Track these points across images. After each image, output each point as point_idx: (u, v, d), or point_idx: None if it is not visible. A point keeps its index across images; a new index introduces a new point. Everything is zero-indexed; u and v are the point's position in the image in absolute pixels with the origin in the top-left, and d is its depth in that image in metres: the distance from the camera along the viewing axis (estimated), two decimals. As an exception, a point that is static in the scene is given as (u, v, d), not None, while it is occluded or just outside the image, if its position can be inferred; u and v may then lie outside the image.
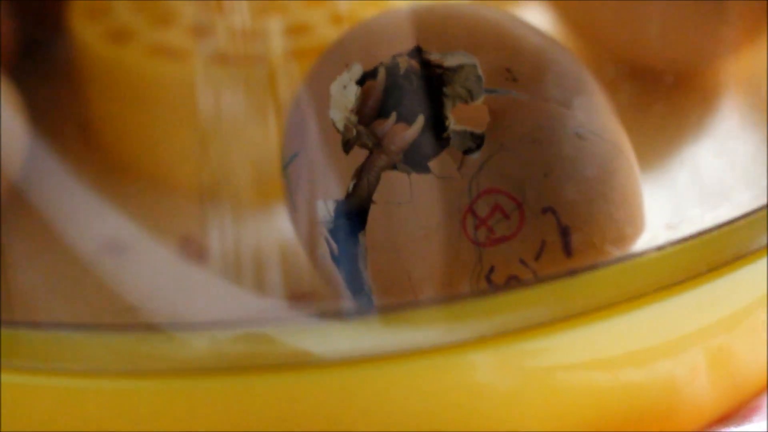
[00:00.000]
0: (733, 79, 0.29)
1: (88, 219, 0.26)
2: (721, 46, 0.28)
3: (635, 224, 0.22)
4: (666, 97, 0.28)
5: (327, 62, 0.23)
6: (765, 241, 0.22)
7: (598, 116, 0.22)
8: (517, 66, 0.22)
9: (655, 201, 0.23)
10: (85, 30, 0.28)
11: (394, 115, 0.22)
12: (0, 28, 0.28)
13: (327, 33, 0.27)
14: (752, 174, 0.26)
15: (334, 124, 0.22)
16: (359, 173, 0.22)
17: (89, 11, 0.28)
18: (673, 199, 0.25)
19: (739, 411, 0.23)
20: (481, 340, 0.20)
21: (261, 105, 0.26)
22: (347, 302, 0.22)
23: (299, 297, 0.24)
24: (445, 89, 0.22)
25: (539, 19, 0.29)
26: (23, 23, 0.29)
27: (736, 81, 0.29)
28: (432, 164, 0.21)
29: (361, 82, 0.22)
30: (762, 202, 0.22)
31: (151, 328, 0.21)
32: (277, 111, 0.25)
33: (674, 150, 0.27)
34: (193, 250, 0.25)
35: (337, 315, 0.22)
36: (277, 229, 0.25)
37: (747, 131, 0.28)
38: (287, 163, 0.23)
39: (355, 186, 0.22)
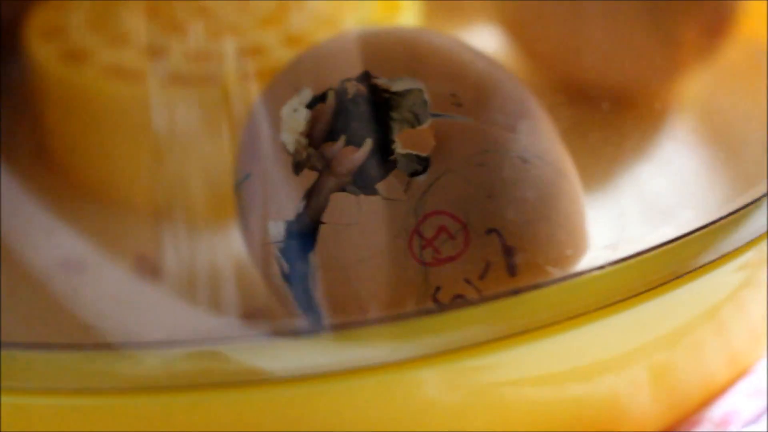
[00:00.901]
0: (676, 100, 0.29)
1: (43, 237, 0.26)
2: (664, 67, 0.29)
3: (577, 245, 0.23)
4: (609, 119, 0.28)
5: (279, 85, 0.24)
6: (705, 260, 0.22)
7: (541, 140, 0.23)
8: (461, 91, 0.22)
9: (599, 221, 0.24)
10: (40, 49, 0.28)
11: (343, 139, 0.22)
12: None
13: (281, 55, 0.28)
14: (696, 193, 0.27)
15: (284, 146, 0.23)
16: (309, 194, 0.22)
17: (44, 31, 0.29)
18: (617, 220, 0.25)
19: (680, 425, 0.24)
20: (428, 358, 0.21)
21: (215, 125, 0.26)
22: (299, 320, 0.23)
23: (253, 314, 0.24)
24: (392, 113, 0.22)
25: (484, 41, 0.30)
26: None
27: (680, 101, 0.29)
28: (379, 186, 0.22)
29: (310, 105, 0.23)
30: (705, 220, 0.23)
31: (104, 346, 0.22)
32: (230, 131, 0.26)
33: (618, 170, 0.27)
34: (148, 267, 0.26)
35: (288, 333, 0.22)
36: (231, 247, 0.25)
37: (690, 151, 0.28)
38: (240, 183, 0.23)
39: (305, 207, 0.22)
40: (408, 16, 0.29)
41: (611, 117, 0.28)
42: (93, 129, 0.28)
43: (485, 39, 0.30)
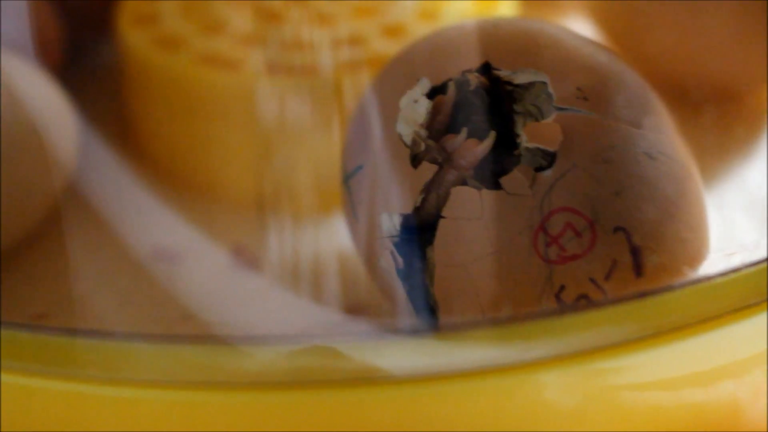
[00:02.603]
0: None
1: (142, 224, 0.26)
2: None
3: (704, 246, 0.22)
4: (713, 118, 0.28)
5: (392, 75, 0.23)
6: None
7: (666, 136, 0.22)
8: (586, 84, 0.22)
9: (714, 222, 0.23)
10: (133, 35, 0.28)
11: (465, 131, 0.22)
12: (45, 29, 0.28)
13: (378, 46, 0.27)
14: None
15: (401, 138, 0.22)
16: (428, 188, 0.22)
17: (137, 17, 0.28)
18: (727, 225, 0.25)
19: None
20: (549, 360, 0.20)
21: (318, 115, 0.26)
22: (408, 318, 0.22)
23: (355, 309, 0.24)
24: (515, 106, 0.22)
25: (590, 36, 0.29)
26: (70, 26, 0.29)
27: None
28: (503, 181, 0.21)
29: (430, 96, 0.22)
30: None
31: (215, 339, 0.21)
32: (335, 121, 0.25)
33: (724, 171, 0.27)
34: (246, 259, 0.25)
35: (401, 331, 0.22)
36: (334, 240, 0.25)
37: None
38: (350, 175, 0.23)
39: (423, 200, 0.22)
40: (504, 10, 0.28)
41: (715, 116, 0.28)
42: (189, 117, 0.27)
43: (591, 36, 0.29)
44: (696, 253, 0.22)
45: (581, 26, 0.30)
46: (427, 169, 0.22)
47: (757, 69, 0.28)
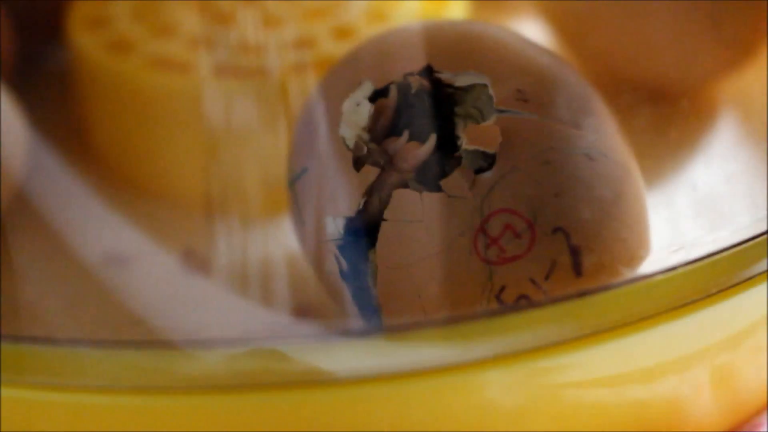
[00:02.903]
0: (726, 98, 0.29)
1: (91, 229, 0.26)
2: (717, 65, 0.29)
3: (643, 245, 0.22)
4: (660, 116, 0.28)
5: (336, 78, 0.23)
6: (765, 266, 0.22)
7: (606, 137, 0.22)
8: (527, 86, 0.22)
9: (656, 222, 0.23)
10: (85, 40, 0.28)
11: (406, 134, 0.22)
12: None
13: (329, 48, 0.27)
14: (748, 192, 0.27)
15: (344, 141, 0.22)
16: (370, 191, 0.22)
17: (89, 21, 0.28)
18: (674, 221, 0.25)
19: (741, 427, 0.23)
20: (491, 360, 0.21)
21: (266, 117, 0.26)
22: (355, 320, 0.22)
23: (304, 311, 0.24)
24: (456, 109, 0.22)
25: (539, 37, 0.29)
26: (21, 30, 0.29)
27: (729, 99, 0.29)
28: (444, 183, 0.21)
29: (372, 99, 0.22)
30: (762, 227, 0.22)
31: (163, 343, 0.21)
32: (282, 124, 0.25)
33: (670, 169, 0.27)
34: (197, 262, 0.25)
35: (347, 333, 0.22)
36: (282, 242, 0.25)
37: (740, 149, 0.28)
38: (296, 178, 0.23)
39: (365, 203, 0.22)
40: (455, 11, 0.28)
41: (662, 114, 0.28)
42: (140, 120, 0.27)
43: (532, 35, 0.29)
44: (635, 251, 0.22)
45: (531, 26, 0.30)
46: (370, 172, 0.22)
47: (700, 69, 0.28)
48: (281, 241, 0.25)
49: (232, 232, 0.25)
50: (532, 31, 0.29)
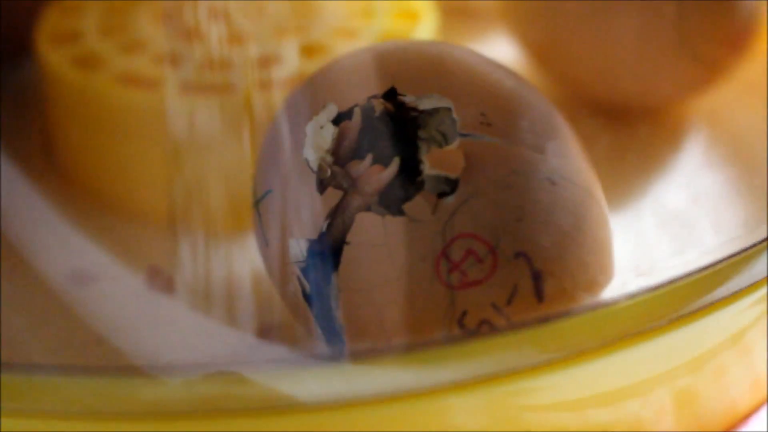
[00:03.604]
0: (694, 116, 0.29)
1: (55, 247, 0.26)
2: (686, 84, 0.29)
3: (606, 269, 0.22)
4: (628, 135, 0.28)
5: (300, 99, 0.23)
6: (733, 288, 0.22)
7: (570, 161, 0.22)
8: (491, 110, 0.22)
9: (622, 244, 0.23)
10: (53, 54, 0.28)
11: (370, 157, 0.22)
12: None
13: (297, 65, 0.27)
14: (717, 213, 0.27)
15: (307, 163, 0.22)
16: (333, 213, 0.22)
17: (57, 36, 0.28)
18: (641, 243, 0.25)
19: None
20: (453, 385, 0.21)
21: (232, 134, 0.26)
22: (318, 342, 0.22)
23: (269, 330, 0.24)
24: (419, 132, 0.22)
25: (507, 54, 0.29)
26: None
27: (698, 118, 0.29)
28: (406, 207, 0.21)
29: (336, 122, 0.22)
30: (730, 250, 0.22)
31: (122, 369, 0.21)
32: (248, 141, 0.25)
33: (637, 188, 0.27)
34: (161, 281, 0.25)
35: (310, 358, 0.22)
36: (247, 260, 0.25)
37: (709, 169, 0.28)
38: (260, 199, 0.23)
39: (329, 226, 0.22)
40: (425, 27, 0.28)
41: (630, 133, 0.28)
42: (106, 136, 0.27)
43: (501, 53, 0.29)
44: (597, 276, 0.22)
45: (499, 45, 0.30)
46: (333, 195, 0.22)
47: (668, 87, 0.28)
48: (246, 259, 0.25)
49: (196, 250, 0.25)
50: (501, 49, 0.30)
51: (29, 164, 0.27)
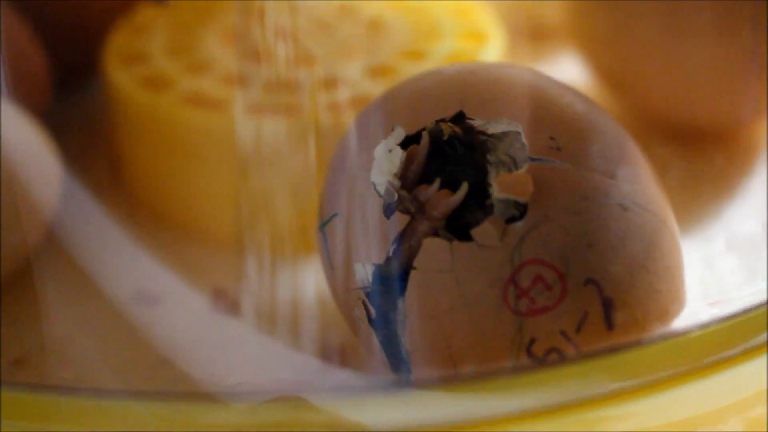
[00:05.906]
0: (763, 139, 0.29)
1: (121, 268, 0.26)
2: (761, 107, 0.28)
3: (677, 298, 0.22)
4: (699, 158, 0.28)
5: (368, 122, 0.23)
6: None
7: (641, 186, 0.22)
8: (561, 134, 0.22)
9: (692, 271, 0.23)
10: (121, 75, 0.28)
11: (438, 182, 0.22)
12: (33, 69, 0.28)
13: (364, 86, 0.27)
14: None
15: (374, 187, 0.22)
16: (400, 238, 0.22)
17: (125, 57, 0.28)
18: (711, 271, 0.24)
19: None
20: (521, 415, 0.20)
21: (300, 156, 0.26)
22: (382, 368, 0.22)
23: (334, 354, 0.24)
24: (488, 156, 0.22)
25: (577, 76, 0.29)
26: (57, 65, 0.29)
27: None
28: (474, 233, 0.21)
29: (404, 146, 0.22)
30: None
31: (186, 393, 0.21)
32: (316, 163, 0.25)
33: (708, 213, 0.27)
34: (226, 302, 0.25)
35: (376, 385, 0.21)
36: (312, 283, 0.25)
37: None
38: (326, 222, 0.23)
39: (395, 251, 0.22)
40: (492, 48, 0.28)
41: (703, 159, 0.28)
42: (173, 157, 0.27)
43: (571, 75, 0.29)
44: (669, 305, 0.22)
45: (570, 66, 0.29)
46: (400, 220, 0.22)
47: (742, 109, 0.28)
48: (311, 282, 0.25)
49: (262, 272, 0.25)
50: (571, 71, 0.29)
51: (96, 185, 0.27)
